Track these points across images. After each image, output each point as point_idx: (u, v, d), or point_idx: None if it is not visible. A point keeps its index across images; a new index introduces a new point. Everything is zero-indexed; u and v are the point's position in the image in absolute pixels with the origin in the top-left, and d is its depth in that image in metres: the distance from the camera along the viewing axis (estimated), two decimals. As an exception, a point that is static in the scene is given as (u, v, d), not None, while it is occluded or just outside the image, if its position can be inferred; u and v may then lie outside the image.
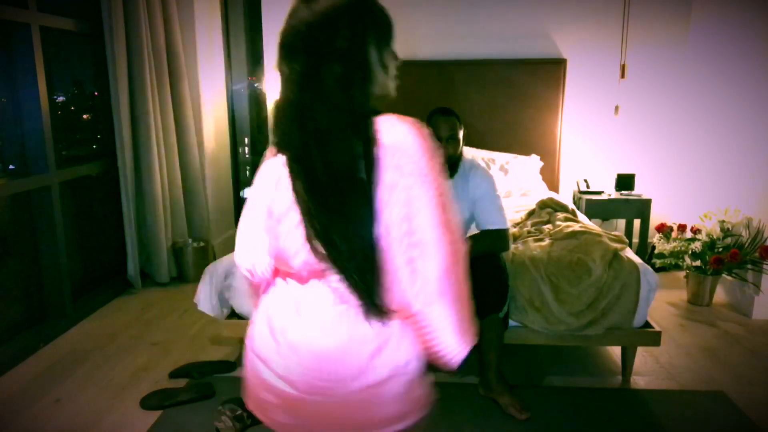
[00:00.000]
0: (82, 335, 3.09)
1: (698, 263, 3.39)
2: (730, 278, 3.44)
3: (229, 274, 2.56)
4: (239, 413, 2.19)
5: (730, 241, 3.42)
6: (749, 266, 3.26)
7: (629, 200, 3.90)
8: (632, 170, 4.09)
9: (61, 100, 3.47)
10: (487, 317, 2.27)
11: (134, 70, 3.49)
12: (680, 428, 2.25)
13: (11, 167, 3.05)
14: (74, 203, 3.45)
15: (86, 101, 3.77)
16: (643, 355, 2.79)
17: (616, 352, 2.82)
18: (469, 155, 2.53)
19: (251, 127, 4.93)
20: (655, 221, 3.95)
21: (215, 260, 2.71)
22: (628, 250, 2.59)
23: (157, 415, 2.33)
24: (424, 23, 4.11)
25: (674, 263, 3.53)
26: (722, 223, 3.46)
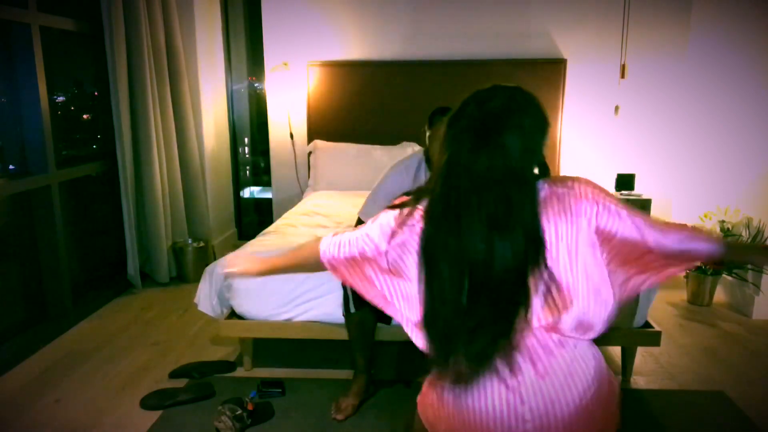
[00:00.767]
0: (82, 335, 3.09)
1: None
2: (730, 278, 3.44)
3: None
4: (239, 413, 2.19)
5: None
6: (749, 266, 3.26)
7: (629, 200, 3.90)
8: (632, 170, 4.09)
9: (61, 100, 3.47)
10: None
11: (134, 70, 3.49)
12: (680, 428, 2.25)
13: (11, 167, 3.05)
14: (74, 203, 3.45)
15: (86, 101, 3.77)
16: (643, 355, 2.79)
17: (616, 352, 2.82)
18: None
19: (251, 127, 4.93)
20: (655, 221, 3.96)
21: (215, 260, 2.71)
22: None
23: (157, 415, 2.33)
24: (424, 23, 4.11)
25: (674, 263, 3.53)
26: (722, 223, 3.47)
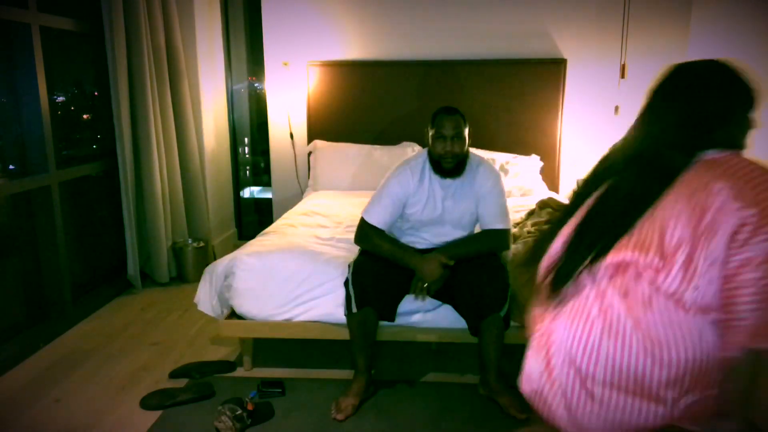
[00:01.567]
0: (82, 335, 3.09)
1: (698, 263, 3.39)
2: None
3: (229, 274, 2.56)
4: (239, 413, 2.19)
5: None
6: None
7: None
8: (632, 170, 4.09)
9: (61, 100, 3.47)
10: (488, 317, 2.27)
11: (134, 70, 3.49)
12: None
13: (11, 167, 3.05)
14: (74, 203, 3.45)
15: (86, 101, 3.77)
16: (643, 355, 2.79)
17: (616, 352, 2.82)
18: (477, 154, 2.53)
19: (251, 127, 4.93)
20: (655, 221, 3.96)
21: (215, 260, 2.71)
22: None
23: (157, 415, 2.33)
24: (424, 23, 4.11)
25: (674, 263, 3.52)
26: (722, 223, 3.46)
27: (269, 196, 4.65)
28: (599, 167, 1.29)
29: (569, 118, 4.17)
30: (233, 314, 2.61)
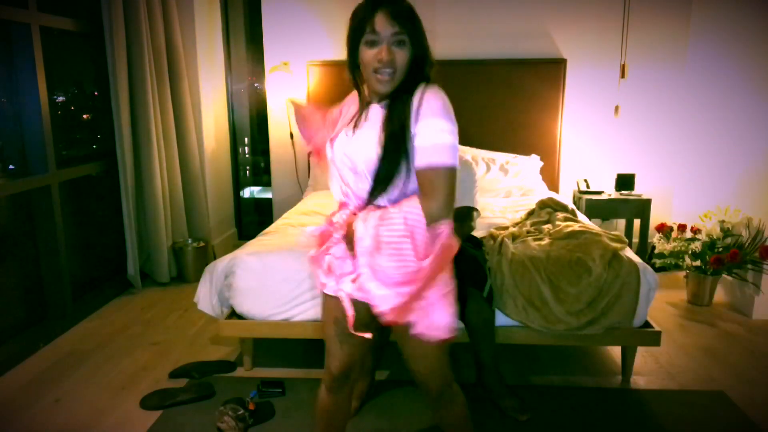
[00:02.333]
0: (82, 335, 3.09)
1: (698, 263, 3.39)
2: (730, 278, 3.44)
3: (229, 273, 2.56)
4: (241, 413, 2.19)
5: (730, 241, 3.42)
6: (749, 266, 3.26)
7: (629, 200, 3.90)
8: (632, 170, 4.09)
9: (61, 100, 3.47)
10: (470, 296, 2.30)
11: (134, 70, 3.49)
12: (680, 428, 2.25)
13: (11, 167, 3.05)
14: (74, 203, 3.45)
15: (86, 101, 3.77)
16: (643, 355, 2.79)
17: (616, 352, 2.82)
18: None
19: (251, 127, 4.93)
20: (655, 221, 3.96)
21: (215, 260, 2.71)
22: (627, 249, 2.59)
23: (157, 415, 2.33)
24: (423, 23, 4.10)
25: (674, 263, 3.53)
26: (722, 223, 3.47)
27: (269, 196, 4.65)
28: None
29: (569, 118, 4.17)
30: (233, 314, 2.61)
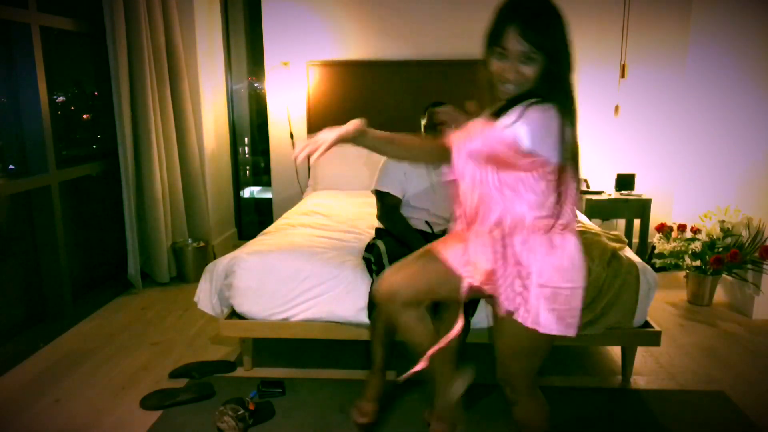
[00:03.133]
0: (82, 335, 3.09)
1: (698, 263, 3.39)
2: (730, 278, 3.44)
3: (229, 272, 2.56)
4: (241, 413, 2.19)
5: (730, 241, 3.42)
6: (749, 266, 3.26)
7: (629, 200, 3.90)
8: (632, 170, 4.09)
9: (61, 100, 3.47)
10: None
11: (134, 70, 3.49)
12: (680, 428, 2.25)
13: (11, 167, 3.05)
14: (74, 203, 3.45)
15: (86, 101, 3.77)
16: (643, 355, 2.79)
17: (616, 352, 2.82)
18: None
19: (251, 127, 4.93)
20: (655, 221, 3.96)
21: (215, 260, 2.71)
22: (626, 249, 2.59)
23: (157, 415, 2.33)
24: (423, 23, 4.11)
25: (674, 263, 3.53)
26: (722, 223, 3.47)
27: (269, 196, 4.65)
28: None
29: (569, 118, 4.16)
30: (233, 313, 2.61)
